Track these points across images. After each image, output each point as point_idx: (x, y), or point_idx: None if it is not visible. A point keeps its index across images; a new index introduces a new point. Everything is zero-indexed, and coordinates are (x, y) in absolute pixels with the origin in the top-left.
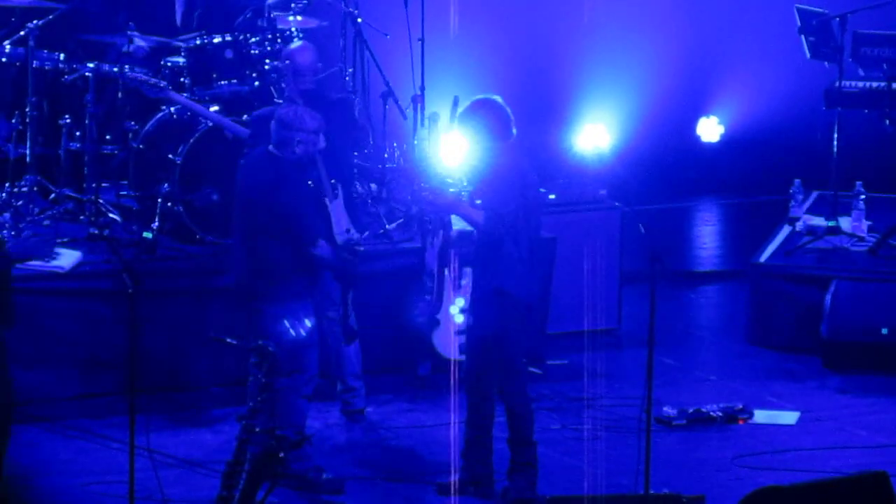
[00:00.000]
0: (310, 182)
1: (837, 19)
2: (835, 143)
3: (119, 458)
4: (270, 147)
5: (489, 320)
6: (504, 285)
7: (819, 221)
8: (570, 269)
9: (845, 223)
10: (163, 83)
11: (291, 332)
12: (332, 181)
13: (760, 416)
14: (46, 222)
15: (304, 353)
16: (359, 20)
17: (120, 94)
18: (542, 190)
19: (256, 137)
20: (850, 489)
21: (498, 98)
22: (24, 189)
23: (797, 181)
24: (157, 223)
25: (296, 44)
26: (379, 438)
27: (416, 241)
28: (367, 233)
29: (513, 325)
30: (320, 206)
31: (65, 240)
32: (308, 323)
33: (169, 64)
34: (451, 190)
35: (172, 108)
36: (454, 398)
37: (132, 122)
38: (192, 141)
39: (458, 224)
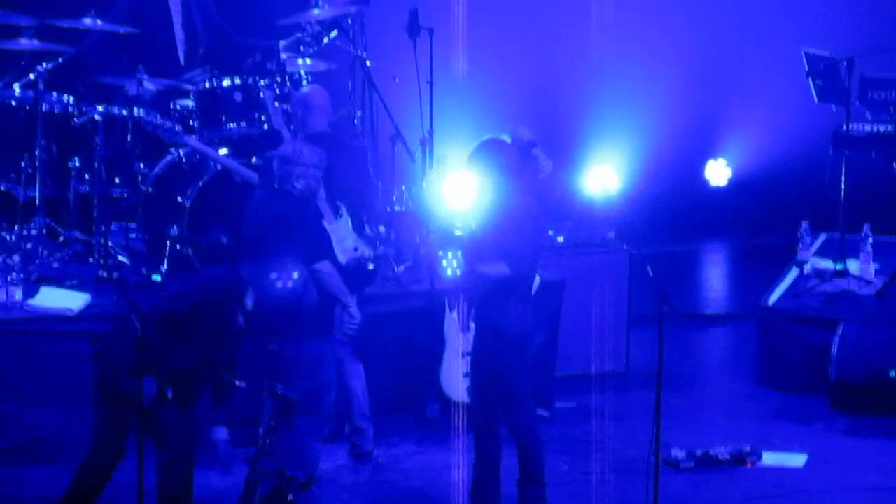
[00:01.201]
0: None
1: (845, 63)
2: (842, 185)
3: (128, 498)
4: (275, 184)
5: (492, 358)
6: (506, 324)
7: (827, 264)
8: (578, 311)
9: (853, 266)
10: (178, 127)
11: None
12: (337, 203)
13: (769, 458)
14: (56, 264)
15: (321, 394)
16: (367, 63)
17: (129, 137)
18: (551, 232)
19: (266, 179)
20: None
21: (506, 137)
22: (34, 231)
23: (805, 223)
24: (165, 266)
25: (309, 87)
26: (387, 480)
27: (425, 284)
28: (381, 249)
29: (515, 361)
30: (320, 230)
31: (74, 282)
32: (324, 362)
33: (178, 106)
34: (458, 233)
35: (181, 151)
36: (462, 440)
37: (141, 165)
38: (200, 184)
39: None
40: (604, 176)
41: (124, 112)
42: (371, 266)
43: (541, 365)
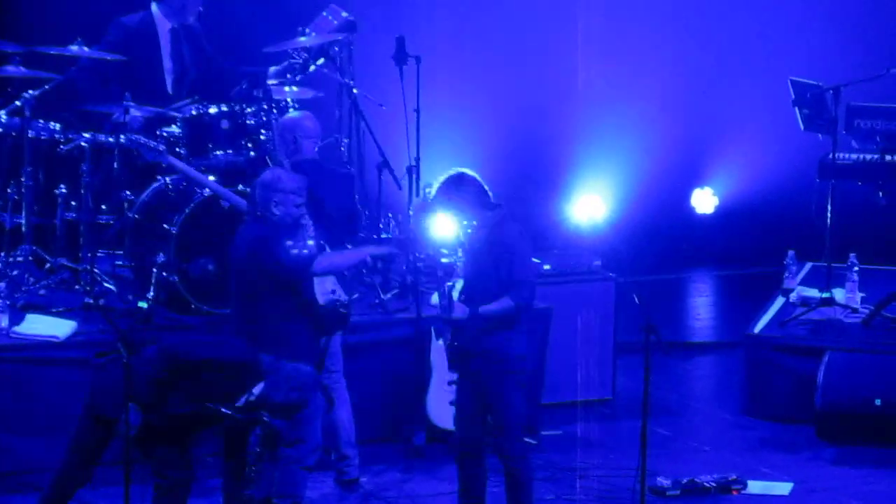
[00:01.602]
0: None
1: (831, 92)
2: (828, 214)
3: None
4: (257, 211)
5: (495, 386)
6: (511, 351)
7: (813, 293)
8: (564, 339)
9: (839, 295)
10: (161, 147)
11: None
12: (321, 242)
13: (754, 486)
14: (42, 292)
15: (308, 422)
16: (354, 91)
17: (116, 165)
18: (537, 260)
19: (250, 206)
20: None
21: (466, 170)
22: (20, 259)
23: (791, 252)
24: (152, 293)
25: (297, 113)
26: None
27: (412, 312)
28: (356, 295)
29: (516, 388)
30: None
31: (60, 309)
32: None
33: (165, 134)
34: (444, 260)
35: (168, 178)
36: (449, 468)
37: (128, 192)
38: (187, 211)
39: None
40: (590, 204)
41: (111, 139)
42: (343, 311)
43: (527, 393)
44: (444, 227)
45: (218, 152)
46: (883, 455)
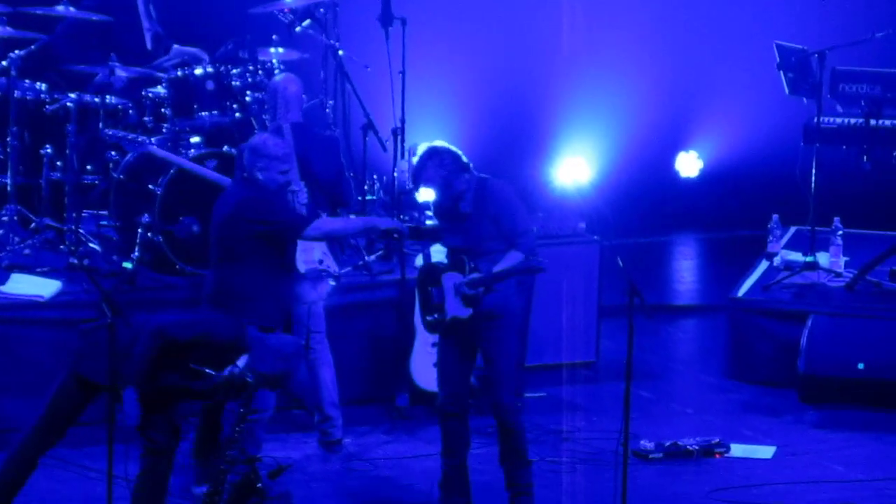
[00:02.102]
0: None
1: (816, 56)
2: (813, 179)
3: (97, 488)
4: (244, 173)
5: (497, 343)
6: (513, 306)
7: (797, 257)
8: (548, 302)
9: (823, 259)
10: (141, 138)
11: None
12: (319, 212)
13: (737, 450)
14: (27, 251)
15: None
16: (340, 52)
17: (101, 125)
18: None
19: (238, 168)
20: None
21: (438, 142)
22: (5, 218)
23: (775, 216)
24: (137, 254)
25: (282, 75)
26: (357, 469)
27: (396, 273)
28: (348, 268)
29: (517, 343)
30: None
31: (45, 269)
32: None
33: (150, 95)
34: (429, 223)
35: (153, 139)
36: (432, 430)
37: (113, 153)
38: (172, 172)
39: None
40: (575, 167)
41: (96, 100)
42: (332, 282)
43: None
44: (430, 191)
45: (203, 113)
46: (865, 419)
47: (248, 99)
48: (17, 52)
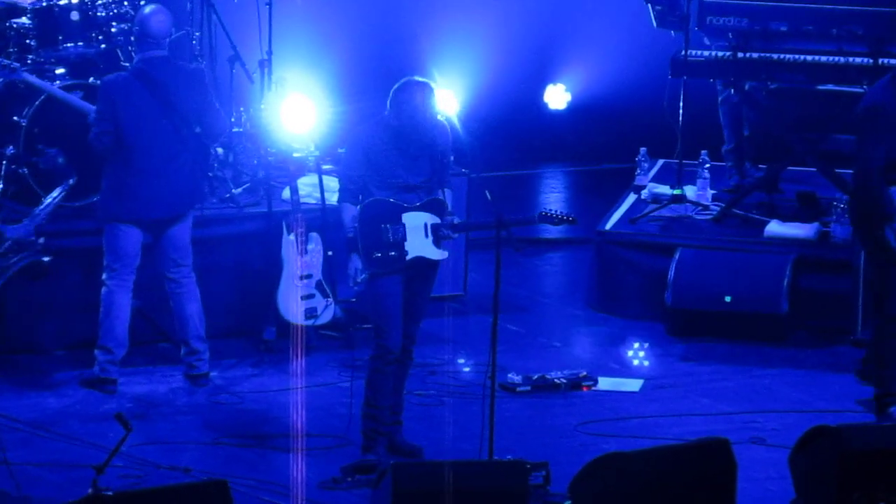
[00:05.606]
0: None
1: None
2: (680, 112)
3: None
4: None
5: (433, 278)
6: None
7: (664, 189)
8: None
9: (690, 192)
10: (15, 65)
11: None
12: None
13: (604, 383)
14: None
15: None
16: None
17: None
18: None
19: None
20: (691, 455)
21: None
22: None
23: (643, 149)
24: (1, 186)
25: (149, 8)
26: (224, 402)
27: (262, 206)
28: (213, 200)
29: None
30: None
31: None
32: None
33: (14, 25)
34: (296, 155)
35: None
36: (298, 363)
37: None
38: (37, 103)
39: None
40: (443, 100)
41: None
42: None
43: None
44: (296, 122)
45: (68, 44)
46: (732, 351)
47: (113, 30)
48: None
